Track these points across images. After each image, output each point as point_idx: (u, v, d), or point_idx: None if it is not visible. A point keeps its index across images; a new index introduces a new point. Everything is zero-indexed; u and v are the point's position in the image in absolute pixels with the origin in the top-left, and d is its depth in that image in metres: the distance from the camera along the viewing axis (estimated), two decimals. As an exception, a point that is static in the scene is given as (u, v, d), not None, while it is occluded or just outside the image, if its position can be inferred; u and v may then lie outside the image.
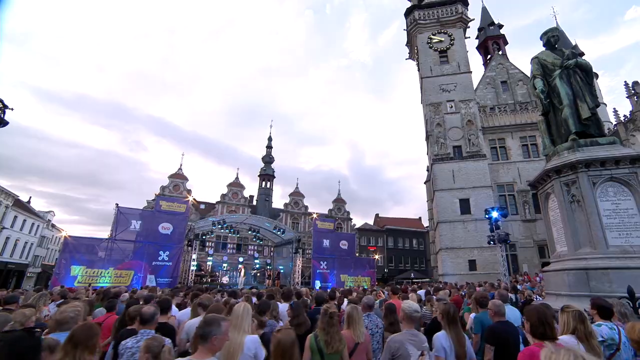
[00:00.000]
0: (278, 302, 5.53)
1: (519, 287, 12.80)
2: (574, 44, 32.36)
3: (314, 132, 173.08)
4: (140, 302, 5.81)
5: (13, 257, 33.39)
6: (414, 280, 30.67)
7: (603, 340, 2.94)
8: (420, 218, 55.29)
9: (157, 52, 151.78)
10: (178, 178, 37.31)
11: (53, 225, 40.53)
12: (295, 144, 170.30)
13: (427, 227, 44.13)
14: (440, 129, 27.42)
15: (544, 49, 8.41)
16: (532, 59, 8.33)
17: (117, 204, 18.31)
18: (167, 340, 2.84)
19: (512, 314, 4.46)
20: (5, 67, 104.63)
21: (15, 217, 32.89)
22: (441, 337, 3.03)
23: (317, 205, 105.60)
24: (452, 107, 28.17)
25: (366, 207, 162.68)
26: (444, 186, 26.08)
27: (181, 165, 38.17)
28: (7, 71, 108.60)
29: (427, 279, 33.64)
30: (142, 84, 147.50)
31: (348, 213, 45.51)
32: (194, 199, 37.79)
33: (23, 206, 35.17)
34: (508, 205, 25.38)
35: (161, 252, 18.57)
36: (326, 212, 44.53)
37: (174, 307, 5.52)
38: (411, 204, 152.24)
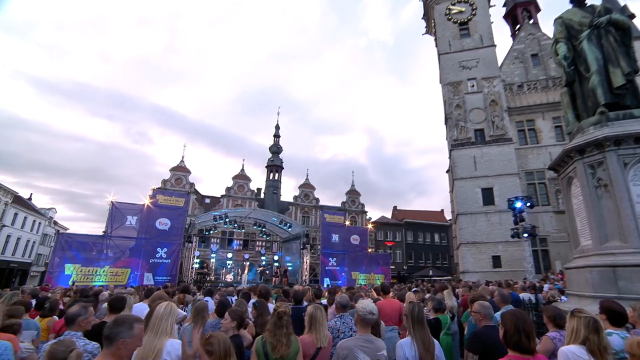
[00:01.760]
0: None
1: (545, 286, 12.13)
2: (622, 5, 30.21)
3: (330, 119, 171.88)
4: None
5: (15, 256, 34.98)
6: (432, 278, 30.08)
7: (614, 353, 2.61)
8: (442, 210, 54.33)
9: (161, 37, 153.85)
10: (180, 171, 37.84)
11: (55, 223, 42.10)
12: (309, 133, 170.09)
13: (449, 220, 43.32)
14: (460, 111, 26.52)
15: (570, 6, 7.63)
16: (555, 20, 7.59)
17: (112, 201, 18.56)
18: (88, 346, 2.72)
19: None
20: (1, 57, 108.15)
21: (16, 214, 34.27)
22: (404, 345, 2.81)
23: (334, 197, 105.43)
24: (473, 86, 27.17)
25: (386, 199, 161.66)
26: (464, 174, 25.33)
27: (183, 157, 38.75)
28: (5, 61, 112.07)
29: (449, 277, 32.97)
30: (146, 72, 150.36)
31: (362, 205, 45.11)
32: (195, 191, 38.60)
33: (23, 203, 36.57)
34: (538, 195, 24.44)
35: (159, 249, 18.75)
36: (339, 204, 44.31)
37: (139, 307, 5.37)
38: (435, 196, 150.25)
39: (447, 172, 36.78)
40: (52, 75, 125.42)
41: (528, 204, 14.46)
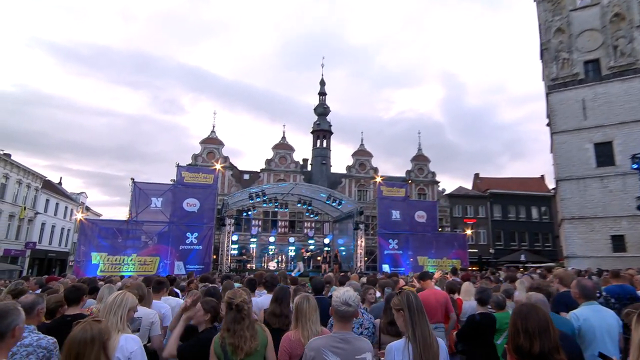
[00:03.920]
0: (264, 292, 5.67)
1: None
2: None
3: (396, 68, 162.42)
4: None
5: (52, 245, 40.27)
6: (525, 265, 28.36)
7: None
8: (542, 177, 50.69)
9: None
10: (212, 143, 39.53)
11: (88, 208, 47.19)
12: (370, 88, 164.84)
13: (552, 189, 40.28)
14: (562, 37, 23.73)
15: None
16: None
17: (132, 179, 19.94)
18: (42, 341, 2.81)
19: (599, 320, 3.59)
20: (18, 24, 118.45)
21: (47, 200, 39.15)
22: (394, 349, 2.67)
23: (401, 165, 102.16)
24: (584, -3, 24.20)
25: (469, 164, 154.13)
26: (567, 126, 23.22)
27: (214, 126, 40.11)
28: (20, 28, 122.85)
29: (551, 263, 30.83)
30: (171, 28, 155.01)
31: (433, 174, 43.99)
32: (231, 165, 40.15)
33: (54, 188, 41.59)
34: (688, 149, 21.38)
35: (188, 234, 20.02)
36: (404, 174, 43.64)
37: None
38: (537, 158, 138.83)
39: (547, 125, 33.70)
40: (70, 40, 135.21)
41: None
